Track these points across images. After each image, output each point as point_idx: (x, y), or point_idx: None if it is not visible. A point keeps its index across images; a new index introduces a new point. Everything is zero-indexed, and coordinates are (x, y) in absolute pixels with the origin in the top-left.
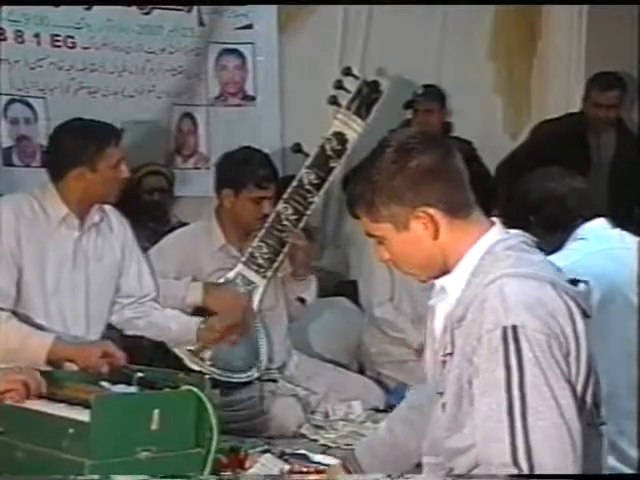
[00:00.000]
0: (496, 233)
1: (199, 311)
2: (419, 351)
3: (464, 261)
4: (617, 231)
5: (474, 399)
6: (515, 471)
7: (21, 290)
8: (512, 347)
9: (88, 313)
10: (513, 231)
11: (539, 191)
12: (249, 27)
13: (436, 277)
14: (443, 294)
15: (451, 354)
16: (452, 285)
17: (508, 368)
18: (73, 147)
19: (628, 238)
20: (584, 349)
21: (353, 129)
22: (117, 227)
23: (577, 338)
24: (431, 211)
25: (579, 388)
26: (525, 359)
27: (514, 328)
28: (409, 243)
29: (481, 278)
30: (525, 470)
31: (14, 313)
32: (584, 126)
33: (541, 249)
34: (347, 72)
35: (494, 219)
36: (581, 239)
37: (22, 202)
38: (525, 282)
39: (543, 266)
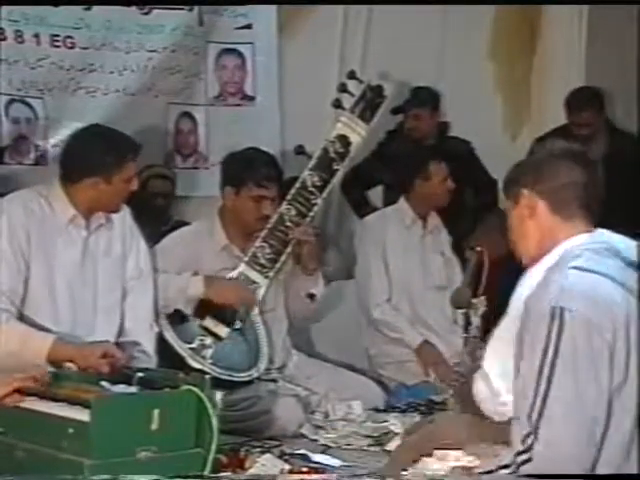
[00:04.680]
0: (584, 237)
1: (201, 306)
2: (418, 351)
3: (550, 255)
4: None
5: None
6: (527, 430)
7: (27, 288)
8: (556, 325)
9: (96, 310)
10: (598, 235)
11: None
12: (249, 27)
13: (530, 260)
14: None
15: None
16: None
17: (548, 341)
18: (92, 156)
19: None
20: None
21: (357, 132)
22: (117, 220)
23: (628, 333)
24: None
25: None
26: (563, 339)
27: (562, 309)
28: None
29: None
30: (533, 434)
31: (19, 315)
32: (571, 137)
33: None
34: (351, 76)
35: (592, 228)
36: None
37: (31, 199)
38: (588, 275)
39: (613, 267)
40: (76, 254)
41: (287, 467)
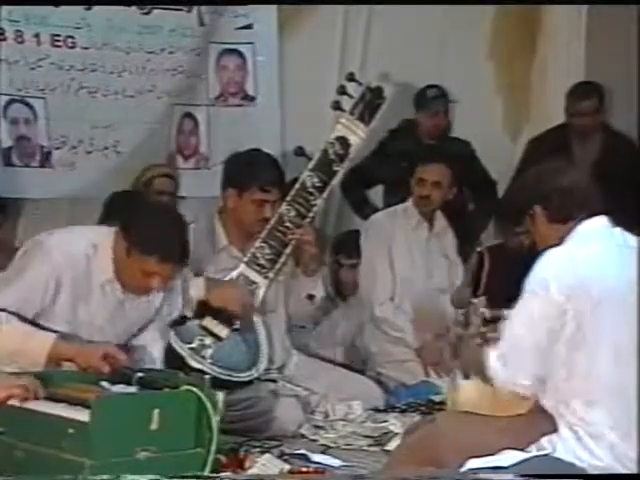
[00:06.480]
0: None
1: (201, 306)
2: (418, 350)
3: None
4: (618, 230)
5: None
6: None
7: (52, 311)
8: None
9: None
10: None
11: (551, 182)
12: (249, 27)
13: None
14: None
15: None
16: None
17: None
18: (138, 227)
19: (629, 237)
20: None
21: (356, 134)
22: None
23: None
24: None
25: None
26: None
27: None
28: None
29: None
30: None
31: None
32: (568, 136)
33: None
34: (350, 78)
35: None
36: (583, 236)
37: (79, 248)
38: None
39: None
40: (108, 311)
41: (287, 467)
